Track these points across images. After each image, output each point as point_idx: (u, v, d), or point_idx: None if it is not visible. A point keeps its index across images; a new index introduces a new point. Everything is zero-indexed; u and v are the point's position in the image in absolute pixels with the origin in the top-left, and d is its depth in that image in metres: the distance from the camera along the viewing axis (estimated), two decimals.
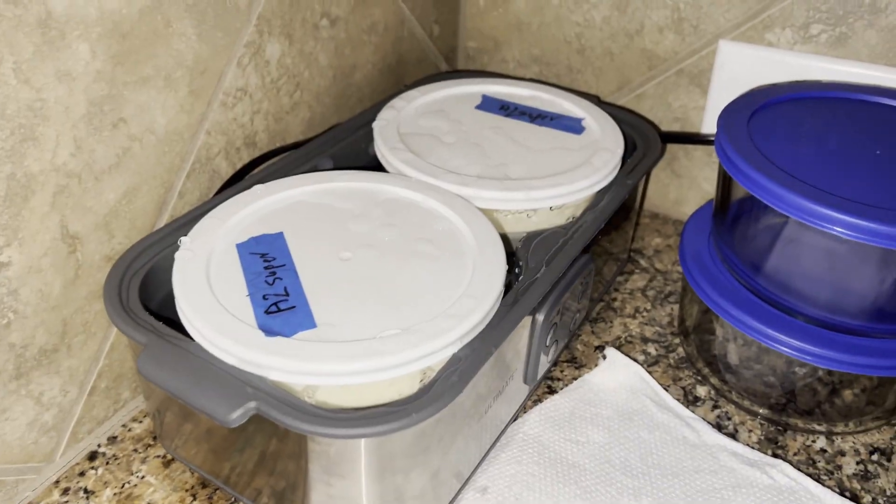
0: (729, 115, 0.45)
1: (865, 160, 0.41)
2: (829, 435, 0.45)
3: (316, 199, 0.44)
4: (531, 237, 0.44)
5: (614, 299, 0.55)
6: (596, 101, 0.56)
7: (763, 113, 0.45)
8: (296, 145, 0.51)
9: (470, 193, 0.44)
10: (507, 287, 0.39)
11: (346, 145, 0.51)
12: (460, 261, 0.39)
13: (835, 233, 0.37)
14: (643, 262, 0.59)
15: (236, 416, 0.31)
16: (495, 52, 0.66)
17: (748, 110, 0.45)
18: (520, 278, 0.40)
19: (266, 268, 0.38)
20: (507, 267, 0.38)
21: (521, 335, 0.40)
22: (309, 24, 0.49)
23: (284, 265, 0.38)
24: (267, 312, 0.35)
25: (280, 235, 0.41)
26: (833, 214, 0.37)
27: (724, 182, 0.45)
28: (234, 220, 0.42)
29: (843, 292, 0.41)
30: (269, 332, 0.34)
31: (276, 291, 0.36)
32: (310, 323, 0.34)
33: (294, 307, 0.35)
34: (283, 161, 0.48)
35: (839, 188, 0.38)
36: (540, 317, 0.40)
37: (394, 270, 0.38)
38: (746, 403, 0.46)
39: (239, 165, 0.47)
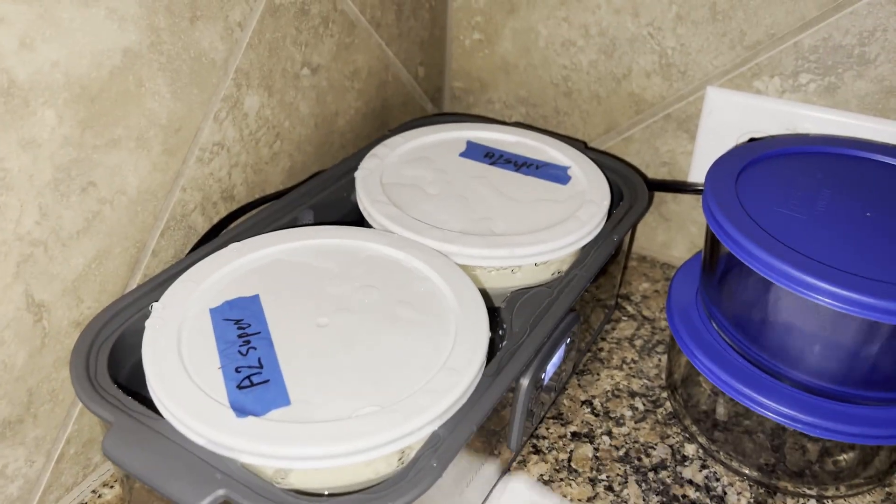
0: (716, 173, 0.44)
1: (855, 223, 0.40)
2: (820, 498, 0.44)
3: (294, 257, 0.42)
4: (515, 296, 0.42)
5: (601, 349, 0.54)
6: (583, 146, 0.55)
7: (751, 170, 0.44)
8: (276, 195, 0.50)
9: (453, 250, 0.43)
10: (491, 350, 0.38)
11: (328, 195, 0.50)
12: (442, 327, 0.38)
13: (820, 303, 0.36)
14: (630, 309, 0.58)
15: None
16: (482, 93, 0.65)
17: (736, 168, 0.44)
18: (503, 343, 0.39)
19: (240, 336, 0.37)
20: (489, 333, 0.37)
21: (504, 400, 0.38)
22: (289, 74, 0.48)
23: (259, 332, 0.37)
24: (239, 387, 0.34)
25: (255, 299, 0.40)
26: (819, 284, 0.36)
27: (712, 241, 0.44)
28: (209, 283, 0.40)
29: (830, 359, 0.40)
30: (240, 410, 0.32)
31: (250, 363, 0.35)
32: (283, 400, 0.33)
33: (268, 381, 0.34)
34: (261, 214, 0.46)
35: (828, 255, 0.37)
36: (524, 381, 0.39)
37: (372, 338, 0.37)
38: (735, 464, 0.45)
39: (216, 220, 0.46)
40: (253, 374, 0.34)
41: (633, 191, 0.51)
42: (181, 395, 0.33)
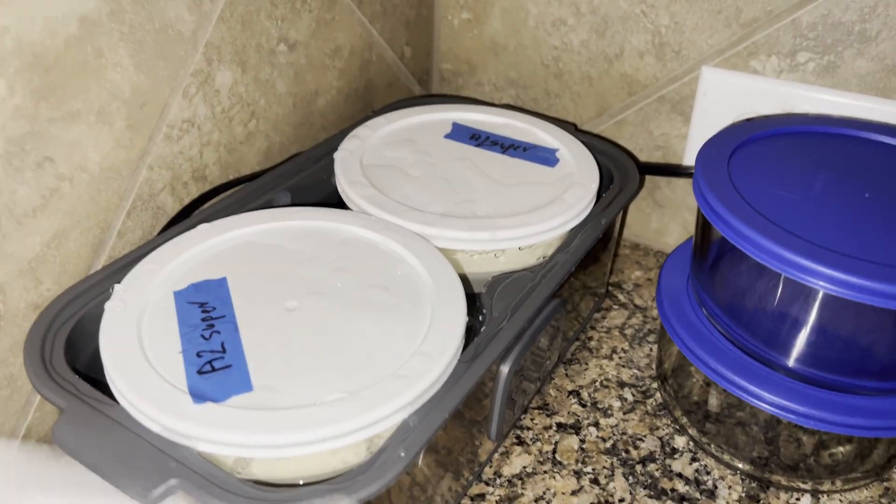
0: (708, 153, 0.42)
1: (853, 205, 0.38)
2: (815, 493, 0.42)
3: (266, 239, 0.41)
4: (497, 281, 0.41)
5: (590, 338, 0.52)
6: (573, 129, 0.53)
7: (745, 150, 0.42)
8: (252, 176, 0.48)
9: (434, 233, 0.41)
10: (470, 336, 0.36)
11: (307, 176, 0.48)
12: (417, 312, 0.36)
13: (818, 287, 0.34)
14: (622, 297, 0.56)
15: (156, 496, 0.28)
16: (470, 74, 0.63)
17: (728, 148, 0.42)
18: (482, 328, 0.37)
19: (204, 319, 0.35)
20: (467, 318, 0.35)
21: (484, 388, 0.37)
22: (265, 49, 0.46)
23: (224, 316, 0.35)
24: (200, 372, 0.32)
25: (223, 282, 0.38)
26: (815, 267, 0.34)
27: (703, 225, 0.42)
28: (175, 264, 0.39)
29: (827, 347, 0.39)
30: (199, 396, 0.31)
31: (213, 347, 0.33)
32: (245, 386, 0.31)
33: (230, 366, 0.32)
34: (235, 196, 0.45)
35: (825, 237, 0.36)
36: (504, 368, 0.37)
37: (342, 322, 0.35)
38: (726, 457, 0.43)
39: (187, 201, 0.44)
40: (215, 359, 0.33)
41: (623, 174, 0.49)
42: (137, 379, 0.31)
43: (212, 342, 0.34)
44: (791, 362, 0.39)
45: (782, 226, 0.36)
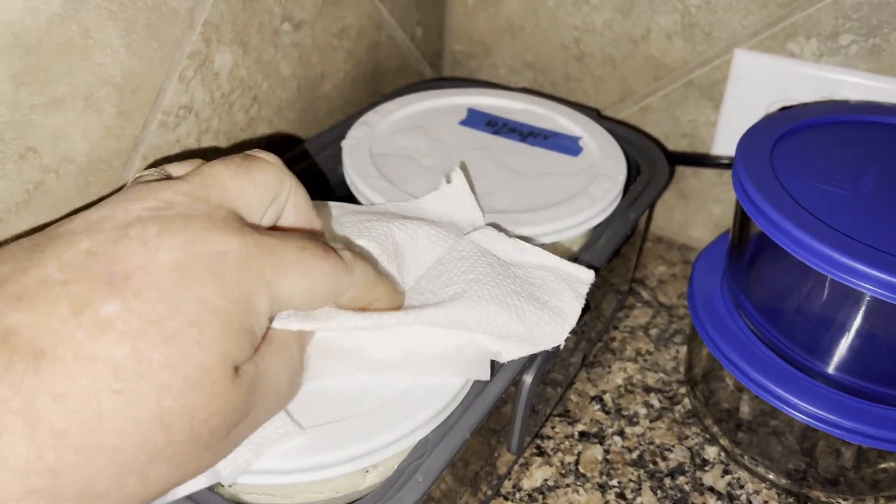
0: (749, 143, 0.38)
1: None
2: None
3: None
4: None
5: (613, 339, 0.49)
6: (595, 115, 0.50)
7: (788, 141, 0.39)
8: None
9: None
10: None
11: (312, 166, 0.45)
12: None
13: (866, 291, 0.31)
14: (645, 295, 0.53)
15: None
16: (485, 57, 0.60)
17: (771, 137, 0.39)
18: None
19: None
20: None
21: (505, 395, 0.34)
22: (267, 29, 0.43)
23: None
24: None
25: None
26: (865, 270, 0.31)
27: (742, 220, 0.39)
28: None
29: (874, 356, 0.36)
30: None
31: None
32: None
33: None
34: None
35: (874, 237, 0.32)
36: (528, 378, 0.34)
37: None
38: (761, 470, 0.41)
39: None
40: None
41: (651, 164, 0.46)
42: None
43: None
44: (834, 370, 0.36)
45: (829, 223, 0.33)
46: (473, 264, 0.31)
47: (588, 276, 0.34)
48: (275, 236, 0.24)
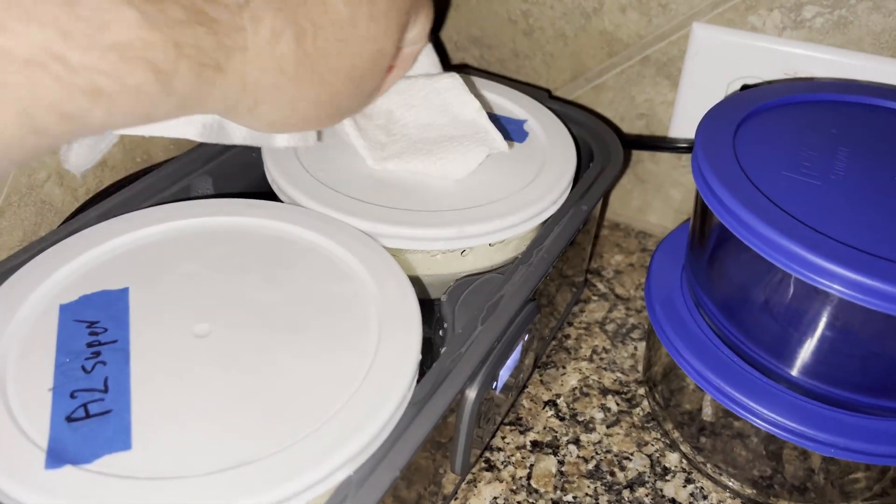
0: (710, 127, 0.35)
1: (879, 189, 0.32)
2: None
3: (180, 238, 0.33)
4: (461, 286, 0.34)
5: (567, 336, 0.46)
6: (546, 96, 0.46)
7: (752, 124, 0.36)
8: (166, 162, 0.40)
9: (385, 231, 0.34)
10: (427, 353, 0.29)
11: (231, 158, 0.41)
12: (361, 337, 0.29)
13: (836, 292, 0.28)
14: (601, 287, 0.50)
15: None
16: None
17: (733, 121, 0.35)
18: (442, 347, 0.31)
19: (90, 345, 0.28)
20: (420, 342, 0.29)
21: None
22: None
23: (115, 341, 0.28)
24: (70, 419, 0.25)
25: (124, 293, 0.30)
26: (834, 269, 0.28)
27: (703, 212, 0.36)
28: (65, 271, 0.31)
29: (845, 359, 0.33)
30: (57, 456, 0.23)
31: (92, 384, 0.26)
32: (122, 441, 0.24)
33: (109, 412, 0.25)
34: (143, 183, 0.37)
35: (845, 230, 0.29)
36: (471, 393, 0.31)
37: (264, 353, 0.28)
38: (725, 479, 0.38)
39: (82, 192, 0.36)
40: (92, 402, 0.25)
41: (605, 150, 0.43)
42: None
43: (93, 377, 0.26)
44: (801, 375, 0.33)
45: (797, 216, 0.30)
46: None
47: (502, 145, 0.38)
48: None
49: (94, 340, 0.28)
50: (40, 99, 0.19)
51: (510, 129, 0.42)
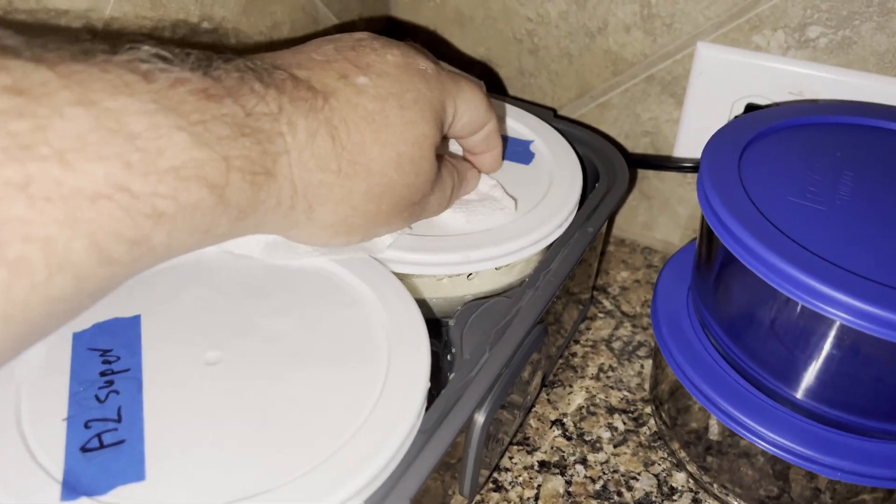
0: (715, 150, 0.35)
1: (884, 214, 0.32)
2: None
3: (188, 265, 0.34)
4: (467, 311, 0.34)
5: (573, 354, 0.46)
6: (551, 115, 0.47)
7: (757, 147, 0.36)
8: None
9: (391, 255, 0.34)
10: (435, 376, 0.30)
11: None
12: (369, 366, 0.29)
13: (840, 320, 0.28)
14: (607, 303, 0.50)
15: None
16: (432, 50, 0.56)
17: (739, 144, 0.36)
18: (451, 375, 0.31)
19: (103, 374, 0.28)
20: (429, 370, 0.29)
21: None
22: (183, 28, 0.38)
23: (128, 370, 0.28)
24: (84, 450, 0.25)
25: (136, 321, 0.31)
26: (839, 297, 0.28)
27: (709, 236, 0.36)
28: None
29: (851, 384, 0.33)
30: (72, 487, 0.24)
31: (106, 414, 0.26)
32: (136, 473, 0.24)
33: (123, 442, 0.25)
34: None
35: (852, 258, 0.30)
36: (480, 418, 0.31)
37: (273, 383, 0.28)
38: (731, 499, 0.38)
39: None
40: (106, 432, 0.26)
41: (611, 169, 0.43)
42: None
43: (106, 406, 0.27)
44: (807, 399, 0.34)
45: (802, 243, 0.30)
46: None
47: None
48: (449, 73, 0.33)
49: (107, 369, 0.28)
50: (108, 229, 0.20)
51: (516, 150, 0.42)
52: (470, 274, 0.36)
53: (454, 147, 0.41)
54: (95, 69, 0.21)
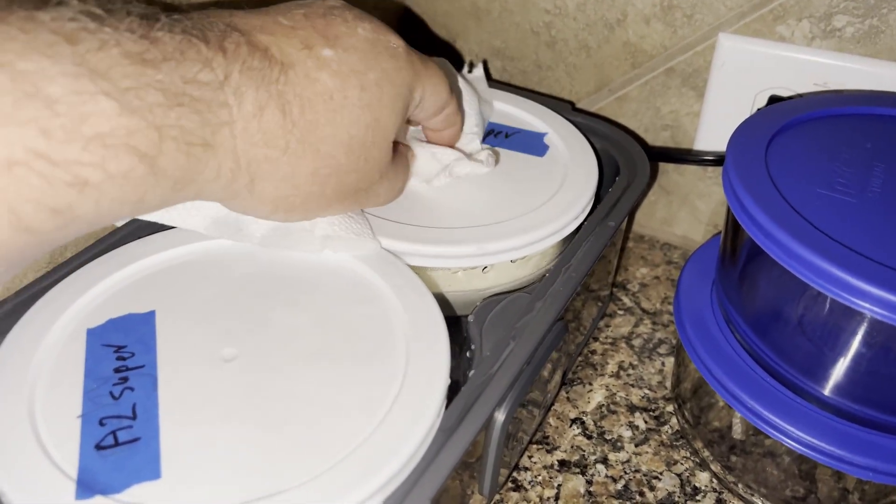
0: (741, 141, 0.34)
1: None
2: None
3: (208, 258, 0.33)
4: (486, 306, 0.33)
5: (593, 352, 0.45)
6: (569, 108, 0.46)
7: (784, 138, 0.35)
8: None
9: (404, 248, 0.34)
10: (453, 372, 0.29)
11: None
12: (388, 362, 0.28)
13: (869, 312, 0.27)
14: (627, 300, 0.49)
15: None
16: (448, 44, 0.55)
17: (765, 135, 0.35)
18: (470, 372, 0.30)
19: (117, 370, 0.28)
20: (448, 366, 0.28)
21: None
22: None
23: (143, 367, 0.28)
24: (99, 447, 0.25)
25: (150, 317, 0.30)
26: (867, 288, 0.27)
27: (734, 228, 0.35)
28: (93, 294, 0.31)
29: (881, 380, 0.32)
30: (87, 486, 0.23)
31: (121, 411, 0.26)
32: (151, 471, 0.24)
33: (138, 439, 0.25)
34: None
35: (882, 250, 0.29)
36: (500, 416, 0.30)
37: (290, 380, 0.27)
38: (756, 499, 0.37)
39: None
40: (121, 429, 0.25)
41: (631, 163, 0.42)
42: (13, 458, 0.24)
43: (121, 403, 0.26)
44: (835, 396, 0.33)
45: (831, 235, 0.29)
46: None
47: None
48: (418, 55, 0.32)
49: (121, 366, 0.28)
50: (26, 196, 0.19)
51: (530, 143, 0.42)
52: (485, 267, 0.35)
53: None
54: (13, 28, 0.19)
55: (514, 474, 0.38)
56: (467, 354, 0.33)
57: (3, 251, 0.20)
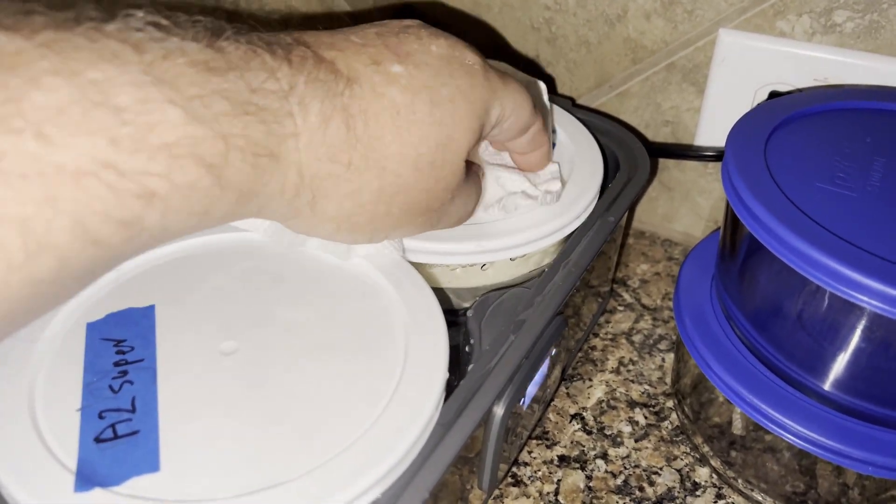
0: (740, 136, 0.34)
1: None
2: None
3: (209, 252, 0.33)
4: (485, 301, 0.34)
5: (593, 347, 0.45)
6: (570, 104, 0.46)
7: (784, 133, 0.35)
8: None
9: (405, 244, 0.34)
10: (454, 367, 0.29)
11: None
12: (387, 355, 0.28)
13: (869, 306, 0.27)
14: (627, 296, 0.49)
15: None
16: None
17: (765, 130, 0.35)
18: (469, 366, 0.30)
19: (117, 364, 0.28)
20: (447, 360, 0.28)
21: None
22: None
23: (142, 360, 0.28)
24: (98, 440, 0.25)
25: (150, 311, 0.30)
26: (867, 282, 0.27)
27: (733, 223, 0.35)
28: (93, 288, 0.31)
29: (882, 375, 0.32)
30: (86, 478, 0.23)
31: (120, 405, 0.26)
32: (150, 464, 0.24)
33: (137, 433, 0.25)
34: None
35: (883, 244, 0.29)
36: (499, 410, 0.31)
37: (289, 371, 0.28)
38: (756, 494, 0.37)
39: None
40: (121, 422, 0.25)
41: (631, 159, 0.42)
42: (12, 451, 0.24)
43: (120, 397, 0.26)
44: (836, 391, 0.33)
45: (831, 229, 0.29)
46: None
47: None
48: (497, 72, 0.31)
49: (121, 359, 0.28)
50: (94, 208, 0.19)
51: None
52: (484, 264, 0.35)
53: None
54: (81, 38, 0.19)
55: (514, 469, 0.38)
56: (466, 349, 0.33)
57: (72, 266, 0.19)
